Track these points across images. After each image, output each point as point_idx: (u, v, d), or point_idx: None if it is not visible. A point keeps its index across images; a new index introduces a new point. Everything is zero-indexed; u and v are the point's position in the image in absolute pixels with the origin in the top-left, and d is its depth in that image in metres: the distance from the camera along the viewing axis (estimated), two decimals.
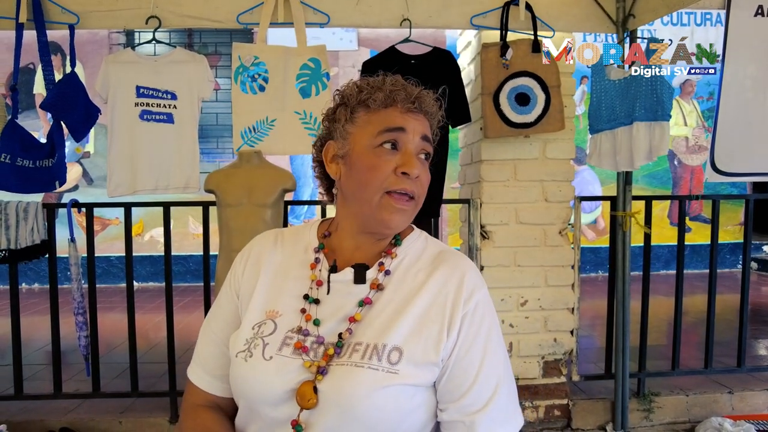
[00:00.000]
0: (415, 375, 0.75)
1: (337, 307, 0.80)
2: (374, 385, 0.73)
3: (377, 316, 0.78)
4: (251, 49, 2.11)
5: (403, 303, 0.79)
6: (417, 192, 0.81)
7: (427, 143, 0.83)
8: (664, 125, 2.11)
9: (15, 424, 2.20)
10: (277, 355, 0.77)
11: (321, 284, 0.82)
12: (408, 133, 0.81)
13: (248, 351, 0.79)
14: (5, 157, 1.99)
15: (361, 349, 0.75)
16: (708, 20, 6.19)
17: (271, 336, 0.79)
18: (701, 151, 6.31)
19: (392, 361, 0.74)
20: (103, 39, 5.67)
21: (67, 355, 2.43)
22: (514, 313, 2.39)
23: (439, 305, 0.79)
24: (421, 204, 0.84)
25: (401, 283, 0.81)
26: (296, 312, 0.81)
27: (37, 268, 5.48)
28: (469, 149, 2.54)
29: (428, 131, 0.84)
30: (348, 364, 0.75)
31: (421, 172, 0.82)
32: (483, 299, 0.81)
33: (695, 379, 2.64)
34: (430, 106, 0.85)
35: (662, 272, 5.73)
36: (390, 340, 0.75)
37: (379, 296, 0.80)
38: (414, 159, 0.81)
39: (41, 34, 2.05)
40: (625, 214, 2.37)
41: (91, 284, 2.36)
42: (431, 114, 0.85)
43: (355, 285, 0.82)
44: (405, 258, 0.84)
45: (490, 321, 0.81)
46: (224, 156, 5.75)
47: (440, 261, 0.83)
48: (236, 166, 2.04)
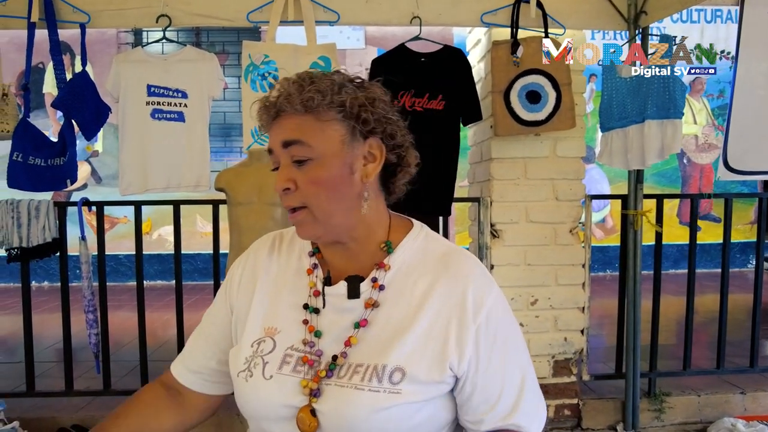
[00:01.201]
0: (419, 392, 0.72)
1: (333, 322, 0.77)
2: (375, 407, 0.71)
3: (377, 335, 0.75)
4: (261, 47, 2.11)
5: (404, 319, 0.75)
6: (299, 201, 0.74)
7: (292, 146, 0.73)
8: (676, 123, 2.10)
9: (27, 420, 2.21)
10: (277, 374, 0.76)
11: (318, 294, 0.79)
12: (275, 151, 0.75)
13: (248, 371, 0.77)
14: (18, 155, 2.01)
15: (362, 370, 0.73)
16: (718, 17, 6.13)
17: (271, 354, 0.77)
18: (711, 149, 6.26)
19: (394, 382, 0.72)
20: (112, 38, 5.70)
21: (77, 352, 2.44)
22: (524, 312, 2.38)
23: (443, 322, 0.74)
24: (321, 205, 0.74)
25: (399, 296, 0.76)
26: (296, 324, 0.78)
27: (46, 266, 5.52)
28: (479, 147, 2.53)
29: (288, 132, 0.73)
30: (348, 386, 0.72)
31: (296, 179, 0.73)
32: (494, 305, 0.77)
33: (707, 379, 2.62)
34: (274, 105, 0.75)
35: (671, 271, 5.69)
36: (391, 360, 0.72)
37: (375, 314, 0.76)
38: (278, 176, 0.75)
39: (53, 33, 2.06)
40: (637, 212, 2.35)
41: (101, 282, 2.37)
42: (286, 107, 0.74)
43: (349, 300, 0.77)
44: (401, 267, 0.78)
45: (506, 323, 0.78)
46: (232, 154, 5.76)
47: (443, 267, 0.78)
48: (247, 164, 2.04)
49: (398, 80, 2.09)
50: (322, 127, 0.73)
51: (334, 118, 0.74)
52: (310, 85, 0.73)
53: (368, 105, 0.75)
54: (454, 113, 2.16)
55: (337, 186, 0.74)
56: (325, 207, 0.74)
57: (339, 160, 0.74)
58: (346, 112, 0.74)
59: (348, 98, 0.74)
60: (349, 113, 0.74)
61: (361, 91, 0.76)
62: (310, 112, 0.73)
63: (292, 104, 0.73)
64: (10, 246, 2.19)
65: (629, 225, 2.39)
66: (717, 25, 6.15)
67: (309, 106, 0.73)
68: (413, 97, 2.12)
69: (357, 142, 0.75)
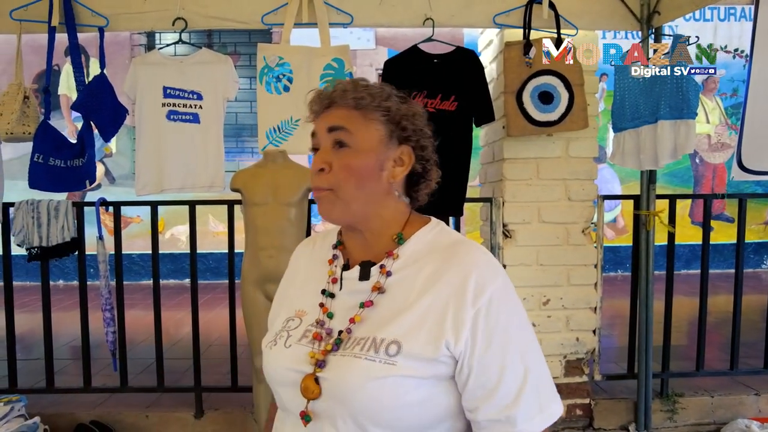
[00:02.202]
0: (414, 368, 0.76)
1: (346, 302, 0.85)
2: (370, 375, 0.76)
3: (379, 314, 0.82)
4: (276, 49, 2.14)
5: (407, 300, 0.81)
6: (328, 182, 0.82)
7: (336, 131, 0.83)
8: (689, 123, 2.09)
9: (47, 416, 2.26)
10: (295, 344, 0.84)
11: (336, 281, 0.87)
12: (318, 134, 0.85)
13: (274, 341, 0.87)
14: (39, 157, 2.05)
15: (363, 342, 0.79)
16: (732, 15, 6.08)
17: (296, 329, 0.86)
18: (724, 148, 6.20)
19: (390, 354, 0.77)
20: (125, 40, 5.76)
21: (93, 350, 2.49)
22: (536, 312, 2.39)
23: (441, 304, 0.79)
24: (347, 191, 0.82)
25: (404, 282, 0.83)
26: (316, 307, 0.87)
27: (62, 264, 5.60)
28: (491, 147, 2.54)
29: (336, 120, 0.83)
30: (348, 356, 0.79)
31: (331, 162, 0.83)
32: (497, 292, 0.79)
33: (720, 380, 2.61)
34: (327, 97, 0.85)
35: (683, 272, 5.64)
36: (389, 334, 0.78)
37: (380, 297, 0.83)
38: (317, 155, 0.84)
39: (72, 36, 2.10)
40: (649, 213, 2.35)
41: (118, 282, 2.41)
42: (336, 99, 0.84)
43: (359, 282, 0.85)
44: (411, 255, 0.85)
45: (508, 311, 0.80)
46: (244, 155, 5.81)
47: (449, 255, 0.82)
48: (262, 165, 2.07)
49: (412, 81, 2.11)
50: (366, 123, 0.83)
51: (378, 119, 0.84)
52: (364, 89, 0.84)
53: (409, 116, 0.85)
54: (466, 114, 2.17)
55: (364, 177, 0.83)
56: (349, 192, 0.82)
57: (373, 155, 0.83)
58: (389, 117, 0.84)
59: (393, 106, 0.84)
60: (392, 119, 0.84)
61: (404, 104, 0.86)
62: (359, 108, 0.83)
63: (345, 99, 0.83)
64: (31, 245, 2.24)
65: (641, 225, 2.39)
66: (731, 23, 6.09)
67: (359, 103, 0.83)
68: (426, 98, 2.14)
69: (392, 145, 0.85)
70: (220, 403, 2.46)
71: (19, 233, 2.24)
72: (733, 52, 6.12)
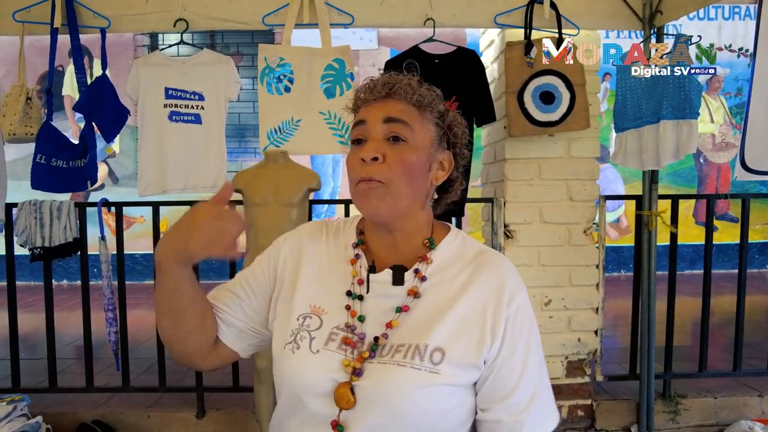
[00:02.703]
0: (456, 375, 0.77)
1: (377, 306, 0.82)
2: (416, 384, 0.75)
3: (417, 319, 0.80)
4: (277, 50, 2.14)
5: (443, 305, 0.80)
6: (382, 174, 0.79)
7: (394, 123, 0.81)
8: (692, 123, 2.08)
9: (49, 415, 2.26)
10: (323, 349, 0.80)
11: (362, 283, 0.84)
12: (368, 122, 0.82)
13: (295, 343, 0.81)
14: (41, 157, 2.06)
15: (404, 349, 0.77)
16: (737, 14, 6.04)
17: (318, 330, 0.82)
18: (728, 148, 6.17)
19: (434, 362, 0.76)
20: (128, 40, 5.78)
21: (95, 349, 2.50)
22: (538, 313, 2.35)
23: (479, 308, 0.80)
24: (399, 186, 0.80)
25: (439, 287, 0.82)
26: (340, 308, 0.83)
27: (65, 264, 5.62)
28: (493, 148, 2.54)
29: (395, 111, 0.82)
30: (390, 363, 0.77)
31: (386, 153, 0.80)
32: (524, 302, 0.82)
33: (723, 382, 2.59)
34: (391, 87, 0.83)
35: (687, 272, 5.61)
36: (432, 340, 0.77)
37: (416, 302, 0.81)
38: (370, 144, 0.81)
39: (74, 38, 2.11)
40: (651, 213, 2.34)
41: (120, 282, 2.42)
42: (399, 93, 0.82)
43: (393, 287, 0.83)
44: (442, 262, 0.84)
45: (531, 323, 0.83)
46: (246, 155, 5.82)
47: (481, 262, 0.84)
48: (263, 166, 2.07)
49: None
50: (422, 122, 0.84)
51: (432, 120, 0.85)
52: (425, 88, 0.85)
53: (456, 124, 0.88)
54: (467, 114, 2.15)
55: (416, 174, 0.82)
56: (401, 188, 0.80)
57: (425, 154, 0.83)
58: (442, 120, 0.86)
59: (446, 111, 0.87)
60: (444, 123, 0.86)
61: (451, 112, 0.88)
62: (418, 106, 0.83)
63: (408, 93, 0.83)
64: (33, 246, 2.25)
65: (643, 226, 2.38)
66: (735, 22, 6.06)
67: (420, 101, 0.83)
68: None
69: (441, 148, 0.86)
70: (222, 403, 2.46)
71: (22, 233, 2.25)
72: (738, 51, 6.09)
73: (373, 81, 0.85)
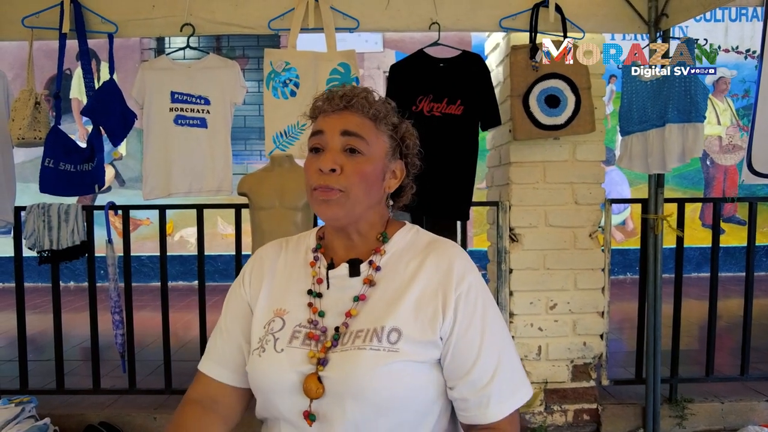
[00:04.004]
0: (415, 352, 0.81)
1: (336, 300, 0.88)
2: (376, 363, 0.79)
3: (374, 306, 0.85)
4: (282, 54, 2.15)
5: (398, 291, 0.86)
6: (341, 184, 0.84)
7: (350, 137, 0.85)
8: (698, 126, 2.07)
9: (57, 417, 2.28)
10: (287, 348, 0.84)
11: (321, 282, 0.90)
12: (326, 133, 0.86)
13: (261, 347, 0.86)
14: (49, 161, 2.08)
15: (363, 334, 0.82)
16: (743, 15, 6.01)
17: (281, 331, 0.87)
18: (735, 150, 6.13)
19: (392, 341, 0.81)
20: (135, 44, 5.83)
21: (102, 351, 2.52)
22: (543, 317, 2.38)
23: (431, 289, 0.85)
24: (357, 195, 0.85)
25: (393, 275, 0.88)
26: (302, 307, 0.88)
27: (73, 266, 5.67)
28: (498, 151, 2.54)
29: (351, 125, 0.86)
30: (351, 349, 0.81)
31: (343, 165, 0.85)
32: (475, 282, 0.87)
33: (730, 386, 2.58)
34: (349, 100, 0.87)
35: (693, 275, 5.59)
36: (388, 323, 0.82)
37: (372, 291, 0.87)
38: (327, 155, 0.85)
39: (82, 43, 2.13)
40: (657, 216, 2.33)
41: (127, 284, 2.44)
42: (356, 106, 0.86)
43: (350, 278, 0.88)
44: (394, 252, 0.90)
45: (485, 300, 0.87)
46: (252, 158, 5.85)
47: (431, 249, 0.90)
48: (268, 169, 2.08)
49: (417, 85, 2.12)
50: (377, 135, 0.88)
51: (386, 132, 0.90)
52: (379, 102, 0.90)
53: (408, 135, 0.93)
54: (472, 118, 2.17)
55: (371, 183, 0.87)
56: (358, 196, 0.86)
57: (380, 164, 0.89)
58: (396, 132, 0.91)
59: (399, 123, 0.92)
60: (397, 135, 0.91)
61: (404, 123, 0.93)
62: (373, 120, 0.88)
63: (364, 107, 0.87)
64: (41, 248, 2.27)
65: (649, 229, 2.37)
66: (742, 23, 6.03)
67: (376, 115, 0.88)
68: (432, 102, 2.14)
69: (394, 158, 0.91)
70: None
71: (30, 236, 2.27)
72: (745, 53, 6.05)
73: (332, 92, 0.89)
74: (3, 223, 2.32)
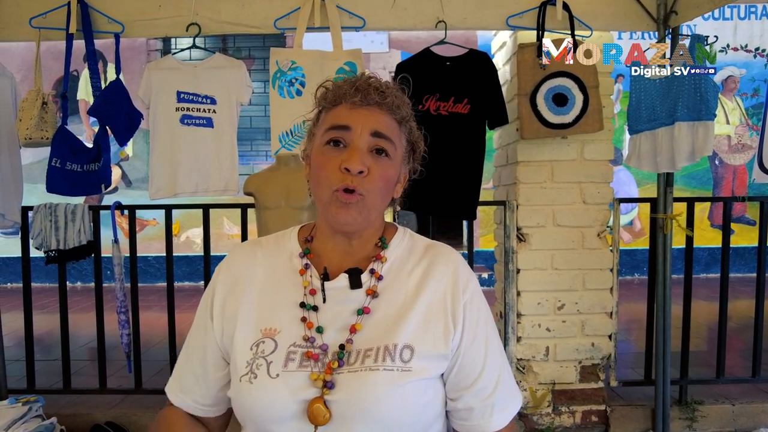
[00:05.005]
0: (426, 369, 0.77)
1: (336, 314, 0.79)
2: (392, 384, 0.73)
3: (380, 320, 0.78)
4: (288, 54, 2.14)
5: (405, 303, 0.80)
6: (364, 187, 0.76)
7: (380, 139, 0.78)
8: (708, 125, 2.05)
9: (63, 417, 2.29)
10: (283, 372, 0.75)
11: (315, 293, 0.80)
12: (353, 130, 0.77)
13: (251, 373, 0.76)
14: (56, 161, 2.08)
15: (372, 353, 0.75)
16: (753, 13, 5.95)
17: (274, 354, 0.77)
18: (745, 149, 6.07)
19: (405, 360, 0.75)
20: (141, 44, 5.85)
21: (109, 351, 2.52)
22: (550, 317, 2.35)
23: (440, 299, 0.81)
24: (374, 200, 0.78)
25: (396, 284, 0.82)
26: (295, 322, 0.79)
27: (79, 267, 5.69)
28: (505, 150, 2.52)
29: (381, 126, 0.78)
30: (362, 370, 0.74)
31: (370, 167, 0.77)
32: (476, 288, 0.84)
33: (741, 388, 2.55)
34: (384, 98, 0.79)
35: (702, 275, 5.54)
36: (400, 339, 0.76)
37: (376, 302, 0.79)
38: (356, 154, 0.76)
39: (89, 43, 2.14)
40: (666, 216, 2.30)
41: (133, 285, 2.44)
42: (388, 105, 0.79)
43: (351, 291, 0.80)
44: (396, 260, 0.84)
45: (485, 308, 0.85)
46: (258, 158, 5.85)
47: (432, 256, 0.85)
48: (274, 169, 2.08)
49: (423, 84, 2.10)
50: (400, 138, 0.83)
51: (405, 136, 0.85)
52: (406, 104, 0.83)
53: (419, 142, 0.87)
54: (479, 117, 2.16)
55: (389, 189, 0.82)
56: (375, 202, 0.80)
57: (399, 168, 0.84)
58: (411, 136, 0.86)
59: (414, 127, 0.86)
60: (410, 140, 0.86)
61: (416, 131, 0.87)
62: (399, 122, 0.83)
63: (395, 107, 0.81)
64: (48, 248, 2.27)
65: (658, 229, 2.34)
66: (751, 21, 5.97)
67: (403, 117, 0.83)
68: (438, 101, 2.12)
69: (406, 162, 0.86)
70: None
71: (37, 236, 2.28)
72: (754, 51, 5.99)
73: (366, 81, 0.79)
74: (11, 223, 2.33)
